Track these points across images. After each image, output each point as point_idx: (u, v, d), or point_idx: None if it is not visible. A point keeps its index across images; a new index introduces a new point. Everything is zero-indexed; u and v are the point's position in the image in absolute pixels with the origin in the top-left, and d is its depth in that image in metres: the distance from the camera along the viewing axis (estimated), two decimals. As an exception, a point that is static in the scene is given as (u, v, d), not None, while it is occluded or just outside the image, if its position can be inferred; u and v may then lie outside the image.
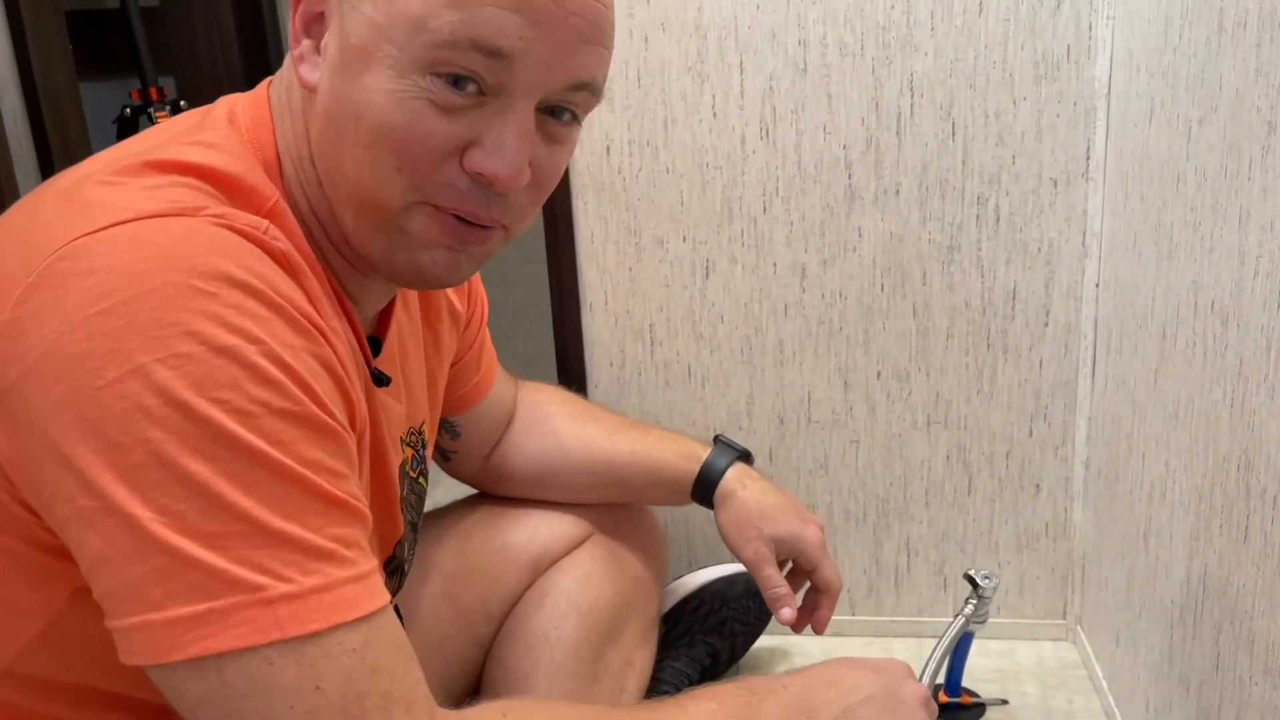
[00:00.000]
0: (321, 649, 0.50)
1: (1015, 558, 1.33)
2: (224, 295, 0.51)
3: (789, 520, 0.99)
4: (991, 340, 1.26)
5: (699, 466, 1.02)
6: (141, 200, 0.53)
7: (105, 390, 0.49)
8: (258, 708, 0.50)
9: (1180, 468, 0.94)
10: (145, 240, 0.51)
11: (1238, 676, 0.83)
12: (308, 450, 0.52)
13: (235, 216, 0.56)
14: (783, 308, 1.27)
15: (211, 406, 0.50)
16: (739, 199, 1.24)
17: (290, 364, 0.53)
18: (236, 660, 0.49)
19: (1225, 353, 0.84)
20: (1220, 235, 0.85)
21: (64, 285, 0.50)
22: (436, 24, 0.55)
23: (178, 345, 0.49)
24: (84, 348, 0.49)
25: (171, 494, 0.49)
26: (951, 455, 1.30)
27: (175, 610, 0.49)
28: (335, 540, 0.52)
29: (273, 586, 0.50)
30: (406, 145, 0.57)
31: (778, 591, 0.97)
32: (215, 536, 0.49)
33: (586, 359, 1.32)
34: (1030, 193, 1.20)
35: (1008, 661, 1.31)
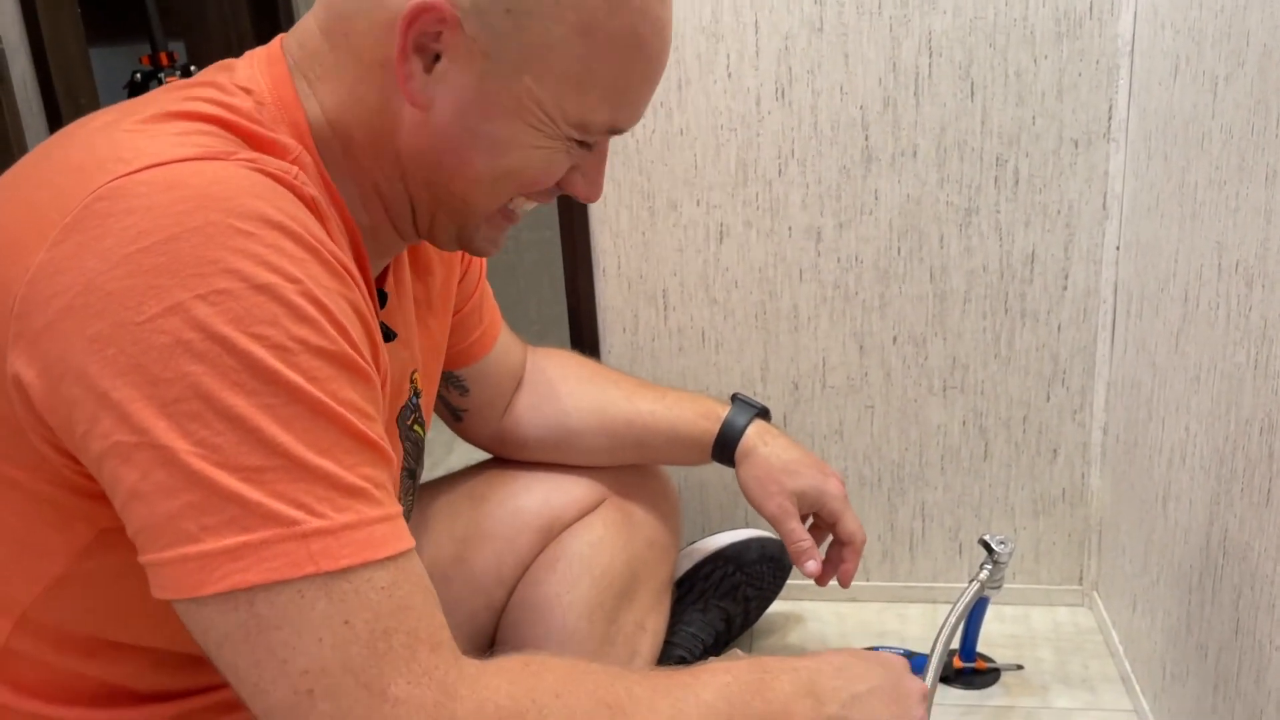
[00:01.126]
0: (352, 584, 0.51)
1: (1031, 523, 1.32)
2: (262, 235, 0.52)
3: (811, 474, 1.01)
4: (1009, 304, 1.24)
5: (719, 425, 1.03)
6: (174, 145, 0.54)
7: (145, 325, 0.49)
8: (287, 640, 0.50)
9: (1201, 431, 0.93)
10: (182, 182, 0.52)
11: (1258, 641, 0.82)
12: (341, 389, 0.53)
13: (266, 161, 0.56)
14: (798, 272, 1.26)
15: (251, 342, 0.50)
16: (754, 161, 1.22)
17: (326, 304, 0.53)
18: (268, 593, 0.50)
19: (1249, 314, 0.82)
20: (1246, 194, 0.83)
21: (102, 225, 0.51)
22: (594, 119, 0.64)
23: (218, 282, 0.50)
24: (124, 285, 0.50)
25: (210, 427, 0.50)
26: (968, 420, 1.29)
27: (210, 544, 0.49)
28: (366, 480, 0.53)
29: (306, 521, 0.50)
30: (532, 183, 0.67)
31: (802, 545, 1.00)
32: (252, 470, 0.50)
33: (600, 325, 1.31)
34: (1050, 154, 1.18)
35: (1023, 627, 1.31)
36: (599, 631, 0.98)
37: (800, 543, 1.00)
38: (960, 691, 1.19)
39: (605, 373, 1.09)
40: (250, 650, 0.50)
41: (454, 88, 0.61)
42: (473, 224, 0.69)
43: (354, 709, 0.50)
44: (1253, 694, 0.83)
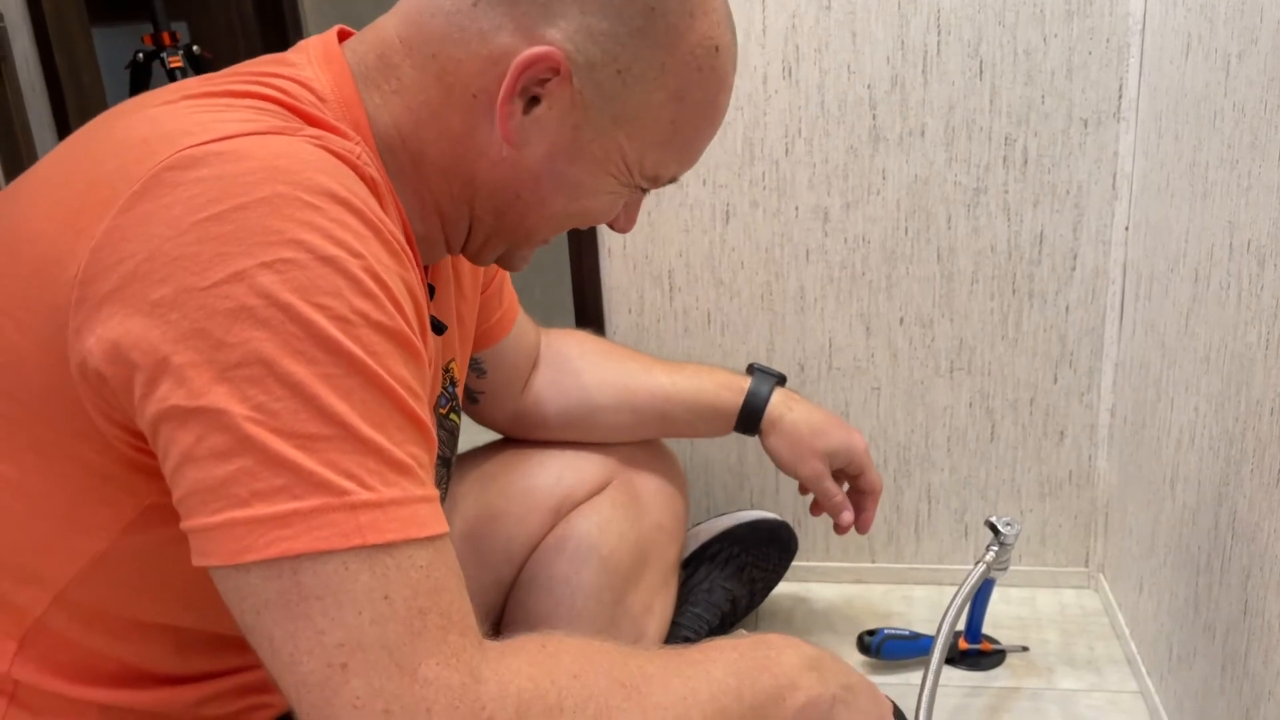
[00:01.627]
0: (394, 560, 0.51)
1: (1038, 505, 1.32)
2: (327, 209, 0.53)
3: (837, 433, 1.07)
4: (1017, 285, 1.23)
5: (742, 395, 1.06)
6: (241, 120, 0.55)
7: (209, 291, 0.50)
8: (327, 610, 0.50)
9: (1210, 412, 0.93)
10: (250, 154, 0.53)
11: (1266, 622, 0.82)
12: (396, 366, 0.53)
13: (330, 139, 0.57)
14: (804, 252, 1.25)
15: (314, 311, 0.51)
16: (760, 140, 1.22)
17: (386, 281, 0.54)
18: (313, 562, 0.50)
19: (1261, 293, 0.82)
20: (1259, 173, 0.82)
21: (171, 193, 0.51)
22: (665, 173, 0.70)
23: (283, 251, 0.51)
24: (189, 250, 0.50)
25: (269, 392, 0.50)
26: (974, 402, 1.29)
27: (260, 509, 0.49)
28: (412, 458, 0.53)
29: (356, 493, 0.50)
30: (592, 222, 0.72)
31: (837, 501, 1.07)
32: (307, 438, 0.50)
33: (605, 306, 1.31)
34: (1059, 133, 1.17)
35: (1029, 609, 1.30)
36: (606, 612, 0.98)
37: (836, 499, 1.07)
38: (965, 673, 1.19)
39: (621, 349, 1.10)
40: (288, 619, 0.50)
41: (549, 133, 0.64)
42: (525, 250, 0.73)
43: (385, 686, 0.50)
44: (1261, 674, 0.83)
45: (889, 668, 1.19)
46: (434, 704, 0.51)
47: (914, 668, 1.18)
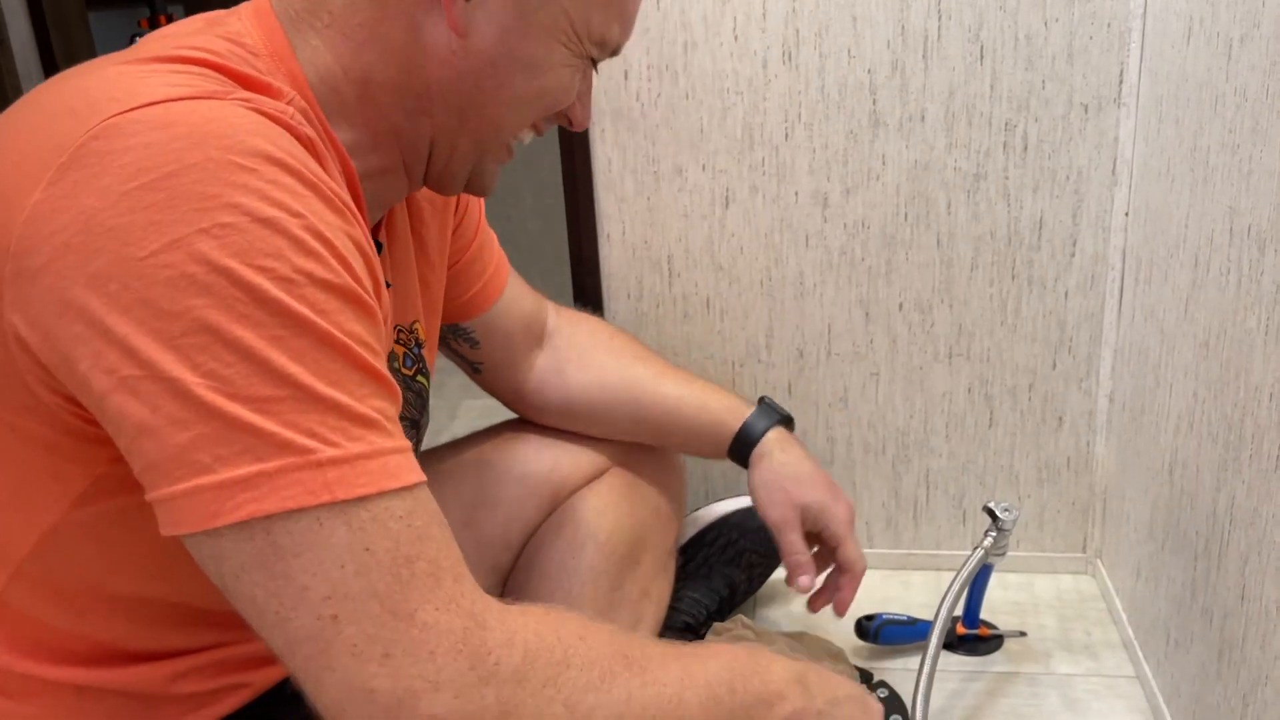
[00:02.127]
0: (370, 513, 0.51)
1: (1036, 491, 1.32)
2: (262, 171, 0.52)
3: (819, 491, 0.99)
4: (1016, 271, 1.23)
5: (740, 424, 1.02)
6: (168, 85, 0.54)
7: (147, 261, 0.49)
8: (307, 567, 0.50)
9: (1210, 398, 0.93)
10: (179, 120, 0.52)
11: (1264, 607, 0.82)
12: (347, 322, 0.53)
13: (261, 101, 0.56)
14: (804, 238, 1.25)
15: (256, 274, 0.50)
16: (760, 125, 1.21)
17: (329, 238, 0.53)
18: (285, 521, 0.50)
19: (1261, 279, 0.81)
20: (1260, 158, 0.82)
21: (99, 163, 0.50)
22: (609, 36, 0.69)
23: (220, 216, 0.50)
24: (124, 221, 0.49)
25: (219, 359, 0.49)
26: (973, 388, 1.29)
27: (224, 474, 0.49)
28: (377, 411, 0.53)
29: (321, 450, 0.50)
30: (554, 104, 0.70)
31: (798, 559, 0.97)
32: (263, 401, 0.50)
33: (604, 291, 1.30)
34: (1060, 119, 1.17)
35: (1026, 594, 1.31)
36: (604, 598, 0.98)
37: (797, 556, 0.97)
38: (963, 658, 1.19)
39: (634, 348, 1.07)
40: (269, 579, 0.50)
41: (493, 12, 0.64)
42: (492, 153, 0.71)
43: (380, 633, 0.50)
44: (1258, 659, 0.83)
45: (887, 653, 1.19)
46: (436, 647, 0.51)
47: (912, 653, 1.19)
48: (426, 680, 0.51)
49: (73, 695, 0.62)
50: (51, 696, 0.62)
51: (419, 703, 0.50)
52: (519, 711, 0.53)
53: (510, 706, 0.53)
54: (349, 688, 0.50)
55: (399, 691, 0.50)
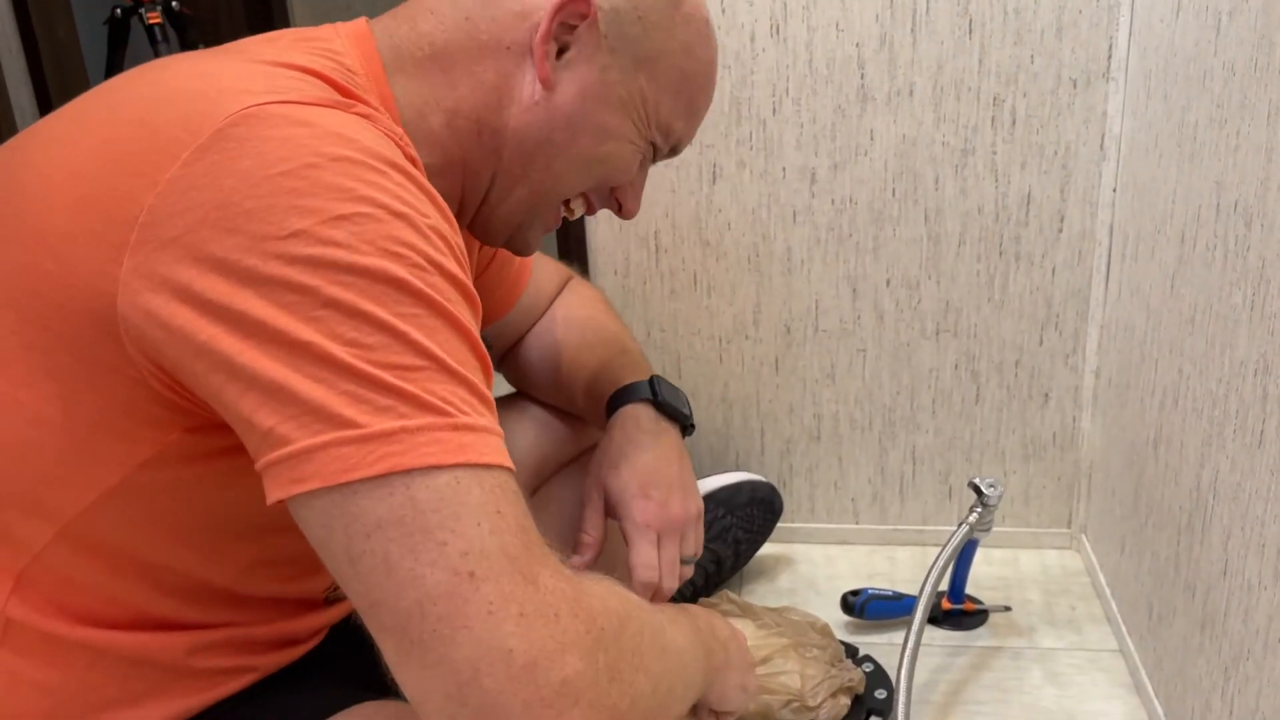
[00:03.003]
0: (496, 480, 0.53)
1: (1021, 467, 1.33)
2: (392, 175, 0.55)
3: (626, 482, 0.86)
4: (1004, 247, 1.23)
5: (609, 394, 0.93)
6: (297, 88, 0.57)
7: (287, 240, 0.51)
8: (445, 523, 0.50)
9: (1195, 374, 0.93)
10: (314, 120, 0.55)
11: (1246, 581, 0.82)
12: (465, 313, 0.56)
13: (379, 118, 0.60)
14: (791, 214, 1.24)
15: (391, 259, 0.53)
16: (748, 100, 1.20)
17: (450, 239, 0.57)
18: (426, 476, 0.51)
19: (1247, 254, 0.81)
20: (1247, 132, 0.82)
21: (239, 149, 0.53)
22: (674, 127, 0.75)
23: (358, 206, 0.53)
24: (263, 203, 0.52)
25: (359, 329, 0.51)
26: (960, 364, 1.29)
27: (366, 428, 0.50)
28: (489, 396, 0.56)
29: (459, 415, 0.52)
30: (611, 177, 0.75)
31: (580, 535, 0.88)
32: (403, 369, 0.52)
33: (590, 267, 1.30)
34: (1048, 94, 1.17)
35: (1011, 569, 1.31)
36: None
37: (580, 533, 0.88)
38: (948, 632, 1.20)
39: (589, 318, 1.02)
40: (406, 534, 0.50)
41: (579, 75, 0.70)
42: (542, 211, 0.75)
43: (516, 591, 0.51)
44: (1240, 633, 0.84)
45: (872, 627, 1.20)
46: (559, 609, 0.52)
47: (897, 628, 1.19)
48: (555, 642, 0.52)
49: (89, 659, 0.63)
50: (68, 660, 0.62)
51: (552, 664, 0.51)
52: (619, 675, 0.55)
53: (614, 670, 0.55)
54: (486, 646, 0.50)
55: (533, 652, 0.51)
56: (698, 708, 0.80)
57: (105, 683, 0.63)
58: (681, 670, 0.64)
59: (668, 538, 0.85)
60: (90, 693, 0.63)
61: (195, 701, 0.66)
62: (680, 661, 0.64)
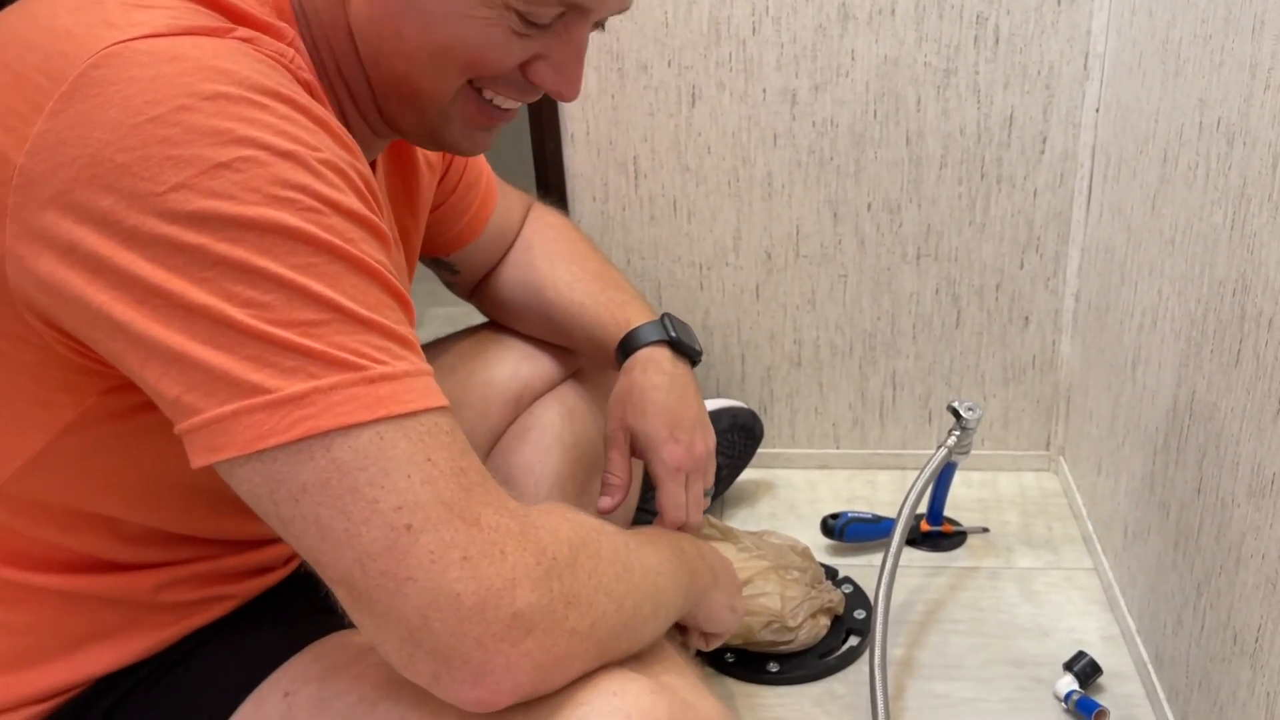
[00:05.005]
0: (424, 426, 0.51)
1: (1001, 390, 1.33)
2: (274, 107, 0.51)
3: (654, 423, 0.87)
4: (986, 169, 1.22)
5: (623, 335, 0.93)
6: (169, 17, 0.52)
7: (167, 196, 0.48)
8: (374, 479, 0.49)
9: (1174, 294, 0.93)
10: (184, 54, 0.50)
11: (1220, 499, 0.83)
12: (372, 250, 0.53)
13: (263, 42, 0.54)
14: (772, 137, 1.23)
15: (280, 207, 0.49)
16: (727, 19, 1.18)
17: (345, 171, 0.53)
18: (346, 436, 0.49)
19: (1229, 173, 0.81)
20: (1231, 48, 0.80)
21: (103, 94, 0.48)
22: None
23: (239, 150, 0.49)
24: (136, 155, 0.48)
25: (255, 287, 0.48)
26: (941, 288, 1.28)
27: (276, 393, 0.48)
28: (409, 334, 0.53)
29: (371, 367, 0.50)
30: (477, 61, 0.61)
31: (608, 478, 0.89)
32: (306, 325, 0.49)
33: (568, 193, 1.28)
34: (1032, 11, 1.14)
35: (989, 491, 1.33)
36: (571, 500, 0.98)
37: (608, 475, 0.88)
38: (927, 553, 1.21)
39: (572, 249, 1.01)
40: (334, 497, 0.49)
41: None
42: (433, 115, 0.64)
43: (456, 536, 0.50)
44: (1213, 549, 0.85)
45: (852, 550, 1.21)
46: (504, 545, 0.52)
47: (877, 550, 1.21)
48: (504, 578, 0.51)
49: (59, 600, 0.62)
50: (38, 602, 0.62)
51: (501, 600, 0.51)
52: (577, 600, 0.55)
53: (570, 595, 0.54)
54: (433, 593, 0.50)
55: (482, 592, 0.50)
56: (688, 629, 0.81)
57: (76, 621, 0.63)
58: (652, 589, 0.63)
59: (694, 476, 0.87)
60: (63, 630, 0.63)
61: (171, 632, 0.66)
62: (650, 580, 0.63)
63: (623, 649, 0.59)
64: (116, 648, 0.64)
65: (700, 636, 0.82)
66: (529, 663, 0.52)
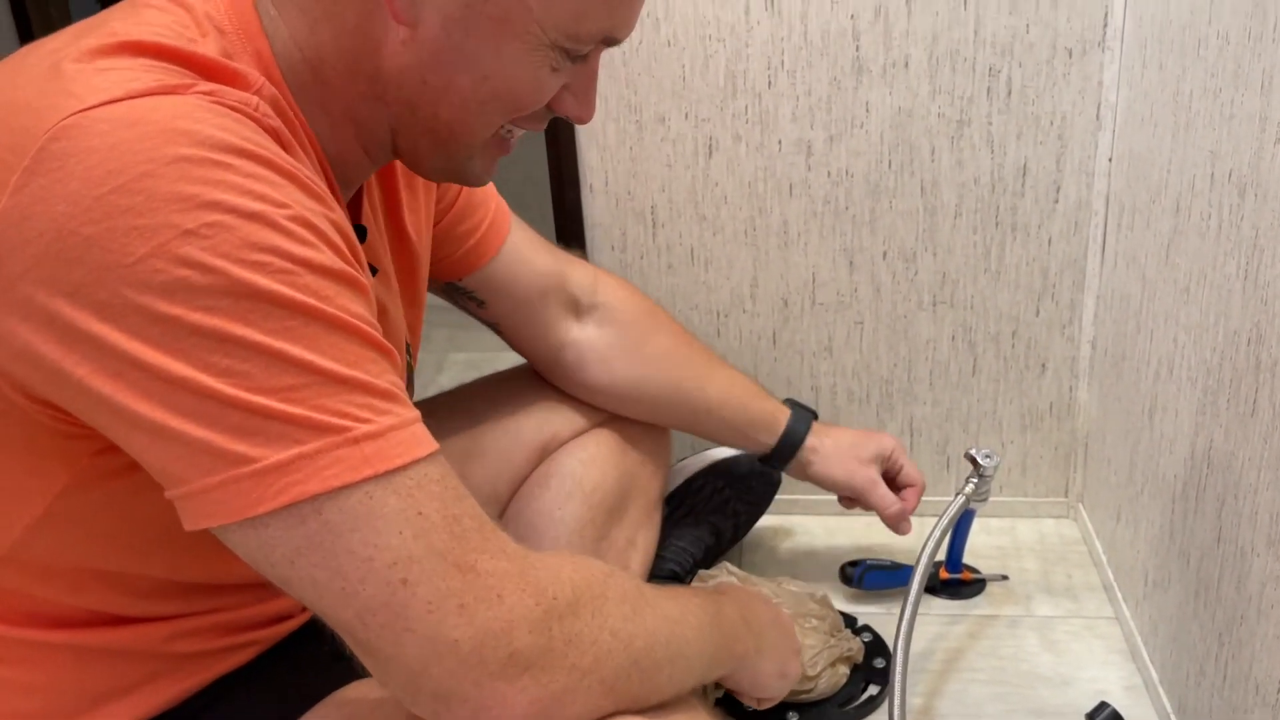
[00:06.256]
0: (413, 479, 0.52)
1: (1019, 437, 1.33)
2: (238, 165, 0.51)
3: (871, 440, 1.12)
4: (1000, 218, 1.23)
5: (781, 431, 1.10)
6: (127, 80, 0.51)
7: (136, 267, 0.48)
8: (366, 539, 0.50)
9: (1189, 343, 0.93)
10: (142, 118, 0.50)
11: (1239, 549, 0.83)
12: (349, 303, 0.53)
13: (225, 93, 0.54)
14: (788, 187, 1.24)
15: (252, 270, 0.49)
16: (743, 73, 1.20)
17: (316, 225, 0.53)
18: (335, 499, 0.50)
19: (1241, 224, 0.82)
20: (1241, 101, 0.82)
21: (63, 167, 0.48)
22: (587, 25, 0.60)
23: (205, 215, 0.49)
24: (101, 228, 0.48)
25: (231, 356, 0.49)
26: (957, 335, 1.29)
27: (261, 461, 0.49)
28: (393, 385, 0.54)
29: (355, 427, 0.51)
30: (523, 105, 0.63)
31: (895, 510, 1.12)
32: (286, 390, 0.49)
33: (588, 242, 1.30)
34: (1044, 64, 1.16)
35: (1009, 538, 1.32)
36: (590, 547, 0.99)
37: (892, 508, 1.11)
38: (946, 602, 1.21)
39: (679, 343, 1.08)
40: (329, 558, 0.50)
41: (439, 3, 0.58)
42: (463, 154, 0.65)
43: (452, 585, 0.51)
44: (1233, 599, 0.85)
45: (871, 598, 1.21)
46: (503, 589, 0.53)
47: (896, 598, 1.20)
48: (501, 620, 0.52)
49: (75, 657, 0.63)
50: (54, 660, 0.63)
51: (499, 643, 0.52)
52: (579, 640, 0.55)
53: (571, 636, 0.55)
54: (432, 643, 0.51)
55: (480, 636, 0.52)
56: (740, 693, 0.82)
57: (95, 676, 0.63)
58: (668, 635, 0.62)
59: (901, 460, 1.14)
60: (82, 686, 0.63)
61: (192, 682, 0.66)
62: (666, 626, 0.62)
63: (635, 693, 0.59)
64: (137, 701, 0.64)
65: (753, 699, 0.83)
66: (525, 698, 0.53)
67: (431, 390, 1.07)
